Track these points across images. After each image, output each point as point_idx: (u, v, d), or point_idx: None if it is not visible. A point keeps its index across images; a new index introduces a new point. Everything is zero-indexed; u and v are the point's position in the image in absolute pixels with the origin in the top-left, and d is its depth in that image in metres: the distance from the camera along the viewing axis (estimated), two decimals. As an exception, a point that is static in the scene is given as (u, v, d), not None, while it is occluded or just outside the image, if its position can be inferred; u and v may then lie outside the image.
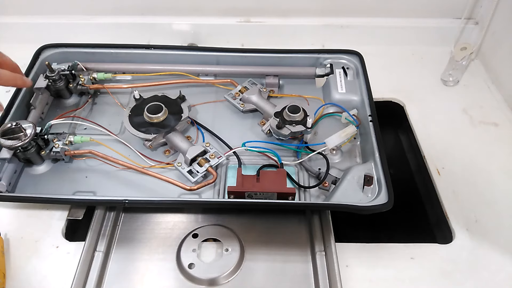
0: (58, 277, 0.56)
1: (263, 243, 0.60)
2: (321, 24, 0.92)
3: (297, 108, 0.66)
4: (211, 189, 0.64)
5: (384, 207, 0.57)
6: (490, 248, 0.60)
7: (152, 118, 0.66)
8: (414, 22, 0.92)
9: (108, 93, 0.77)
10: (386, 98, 0.82)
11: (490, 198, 0.66)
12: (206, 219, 0.62)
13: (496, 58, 0.86)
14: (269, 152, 0.66)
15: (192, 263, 0.57)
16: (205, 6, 0.90)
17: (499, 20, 0.84)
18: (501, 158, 0.72)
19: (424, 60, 0.90)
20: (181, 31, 0.92)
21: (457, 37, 0.90)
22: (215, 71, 0.80)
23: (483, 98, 0.82)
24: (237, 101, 0.75)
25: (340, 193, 0.61)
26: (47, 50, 0.78)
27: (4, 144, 0.61)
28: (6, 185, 0.62)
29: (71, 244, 0.60)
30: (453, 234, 0.62)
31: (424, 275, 0.57)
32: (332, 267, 0.56)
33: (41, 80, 0.73)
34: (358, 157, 0.69)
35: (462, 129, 0.76)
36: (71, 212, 0.62)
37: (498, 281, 0.57)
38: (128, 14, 0.91)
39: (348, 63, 0.79)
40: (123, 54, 0.79)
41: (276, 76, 0.78)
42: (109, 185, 0.65)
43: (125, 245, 0.60)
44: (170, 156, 0.68)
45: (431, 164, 0.71)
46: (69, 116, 0.74)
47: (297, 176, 0.66)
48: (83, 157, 0.67)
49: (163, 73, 0.78)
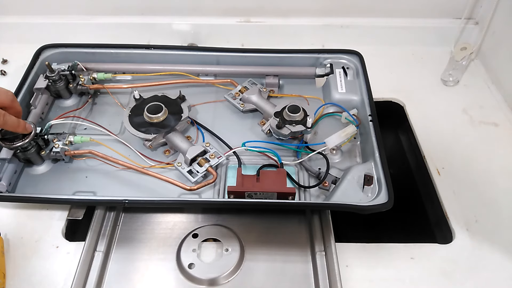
0: (58, 277, 0.56)
1: (263, 243, 0.60)
2: (321, 24, 0.92)
3: (297, 108, 0.66)
4: (211, 189, 0.64)
5: (384, 207, 0.57)
6: (490, 248, 0.60)
7: (152, 118, 0.66)
8: (414, 22, 0.92)
9: (108, 93, 0.77)
10: (386, 98, 0.82)
11: (490, 198, 0.66)
12: (206, 219, 0.62)
13: (496, 58, 0.86)
14: (269, 152, 0.66)
15: (192, 263, 0.57)
16: (205, 6, 0.90)
17: (499, 20, 0.84)
18: (501, 158, 0.72)
19: (424, 60, 0.90)
20: (181, 31, 0.92)
21: (457, 37, 0.90)
22: (215, 71, 0.80)
23: (483, 98, 0.82)
24: (237, 101, 0.75)
25: (340, 193, 0.61)
26: (47, 50, 0.78)
27: (4, 144, 0.61)
28: (6, 185, 0.62)
29: (71, 244, 0.60)
30: (453, 234, 0.62)
31: (424, 275, 0.57)
32: (332, 267, 0.56)
33: (41, 80, 0.73)
34: (358, 157, 0.69)
35: (462, 129, 0.76)
36: (71, 212, 0.62)
37: (498, 281, 0.57)
38: (128, 14, 0.91)
39: (348, 63, 0.79)
40: (123, 54, 0.79)
41: (276, 76, 0.78)
42: (109, 185, 0.65)
43: (125, 245, 0.60)
44: (170, 156, 0.68)
45: (431, 164, 0.71)
46: (69, 116, 0.74)
47: (297, 176, 0.66)
48: (83, 157, 0.67)
49: (163, 73, 0.78)
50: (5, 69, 0.87)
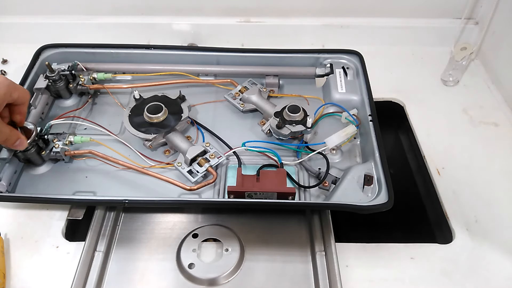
0: (58, 277, 0.56)
1: (263, 243, 0.60)
2: (321, 24, 0.92)
3: (297, 108, 0.66)
4: (211, 189, 0.64)
5: (384, 206, 0.57)
6: (490, 248, 0.60)
7: (152, 118, 0.66)
8: (414, 22, 0.92)
9: (108, 93, 0.77)
10: (386, 98, 0.82)
11: (490, 198, 0.66)
12: (206, 219, 0.62)
13: (496, 58, 0.85)
14: (269, 152, 0.66)
15: (192, 263, 0.57)
16: (205, 6, 0.90)
17: (499, 20, 0.84)
18: (501, 158, 0.72)
19: (424, 60, 0.90)
20: (181, 31, 0.92)
21: (457, 37, 0.90)
22: (215, 71, 0.80)
23: (483, 98, 0.82)
24: (237, 101, 0.75)
25: (340, 193, 0.61)
26: (47, 50, 0.78)
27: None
28: (6, 185, 0.62)
29: (71, 244, 0.60)
30: (453, 234, 0.62)
31: (424, 275, 0.57)
32: (332, 267, 0.56)
33: (41, 80, 0.73)
34: (358, 157, 0.69)
35: (462, 129, 0.76)
36: (71, 212, 0.62)
37: (498, 281, 0.57)
38: (128, 14, 0.91)
39: (348, 63, 0.79)
40: (123, 54, 0.79)
41: (276, 76, 0.78)
42: (109, 185, 0.65)
43: (125, 245, 0.60)
44: (170, 156, 0.68)
45: (431, 164, 0.70)
46: (69, 116, 0.74)
47: (297, 176, 0.66)
48: (83, 157, 0.67)
49: (163, 73, 0.78)
50: (5, 69, 0.87)
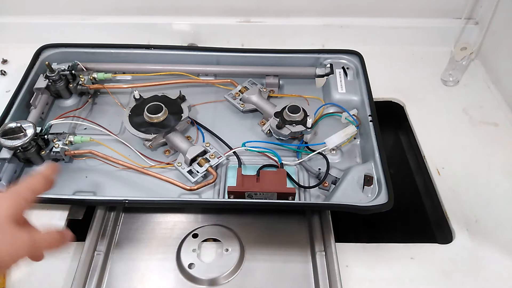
0: (58, 277, 0.56)
1: (263, 243, 0.60)
2: (321, 24, 0.92)
3: (297, 108, 0.66)
4: (211, 189, 0.64)
5: (384, 207, 0.57)
6: (490, 248, 0.60)
7: (152, 118, 0.66)
8: (414, 22, 0.92)
9: (108, 93, 0.77)
10: (386, 98, 0.82)
11: (490, 198, 0.66)
12: (206, 219, 0.62)
13: (496, 58, 0.85)
14: (269, 152, 0.66)
15: (192, 263, 0.57)
16: (205, 6, 0.90)
17: (499, 20, 0.84)
18: (501, 158, 0.71)
19: (424, 60, 0.90)
20: (181, 31, 0.92)
21: (457, 37, 0.90)
22: (215, 71, 0.80)
23: (483, 98, 0.82)
24: (237, 101, 0.75)
25: (340, 193, 0.61)
26: (47, 50, 0.78)
27: (4, 144, 0.61)
28: (6, 185, 0.62)
29: (71, 244, 0.60)
30: (453, 234, 0.62)
31: (424, 275, 0.57)
32: (332, 267, 0.56)
33: (41, 80, 0.73)
34: (358, 157, 0.69)
35: (462, 129, 0.76)
36: (71, 212, 0.62)
37: (498, 281, 0.57)
38: (128, 14, 0.91)
39: (348, 63, 0.79)
40: (123, 54, 0.79)
41: (276, 76, 0.78)
42: (109, 185, 0.65)
43: (125, 245, 0.60)
44: (170, 156, 0.68)
45: (431, 164, 0.70)
46: (69, 116, 0.74)
47: (297, 176, 0.66)
48: (83, 157, 0.67)
49: (163, 73, 0.78)
50: (5, 69, 0.87)
